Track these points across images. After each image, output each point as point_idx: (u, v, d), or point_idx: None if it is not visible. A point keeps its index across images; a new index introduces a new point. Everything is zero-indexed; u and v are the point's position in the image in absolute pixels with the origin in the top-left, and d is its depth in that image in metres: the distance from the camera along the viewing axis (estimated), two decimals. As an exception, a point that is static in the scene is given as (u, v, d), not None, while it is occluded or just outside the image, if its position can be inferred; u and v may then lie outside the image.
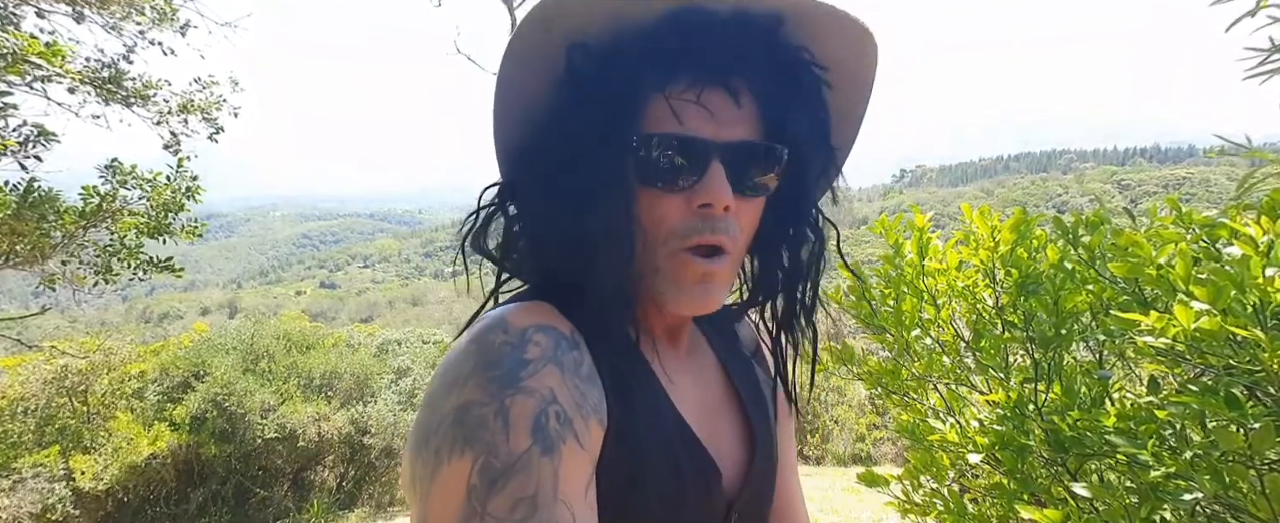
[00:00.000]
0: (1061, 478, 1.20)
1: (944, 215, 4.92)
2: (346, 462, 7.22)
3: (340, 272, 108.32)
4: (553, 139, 0.53)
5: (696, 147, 0.51)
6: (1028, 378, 1.31)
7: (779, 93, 0.54)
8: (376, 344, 9.15)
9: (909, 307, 1.58)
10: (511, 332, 0.48)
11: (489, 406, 0.43)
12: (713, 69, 0.51)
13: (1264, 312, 0.83)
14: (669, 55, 0.51)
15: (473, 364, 0.46)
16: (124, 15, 4.49)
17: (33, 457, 5.64)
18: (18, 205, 3.67)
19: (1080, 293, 1.24)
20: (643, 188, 0.52)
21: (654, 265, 0.54)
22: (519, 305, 0.52)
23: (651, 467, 0.52)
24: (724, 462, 0.59)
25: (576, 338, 0.50)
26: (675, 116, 0.51)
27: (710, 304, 0.54)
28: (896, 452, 8.06)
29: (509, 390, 0.44)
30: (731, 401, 0.65)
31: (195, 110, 4.94)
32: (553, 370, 0.46)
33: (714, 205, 0.51)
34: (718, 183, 0.51)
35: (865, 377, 1.70)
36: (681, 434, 0.55)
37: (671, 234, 0.52)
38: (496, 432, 0.42)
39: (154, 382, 6.79)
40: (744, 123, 0.53)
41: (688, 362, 0.64)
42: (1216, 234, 1.01)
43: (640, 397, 0.54)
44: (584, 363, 0.49)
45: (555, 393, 0.45)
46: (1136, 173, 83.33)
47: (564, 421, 0.45)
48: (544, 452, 0.43)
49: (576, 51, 0.52)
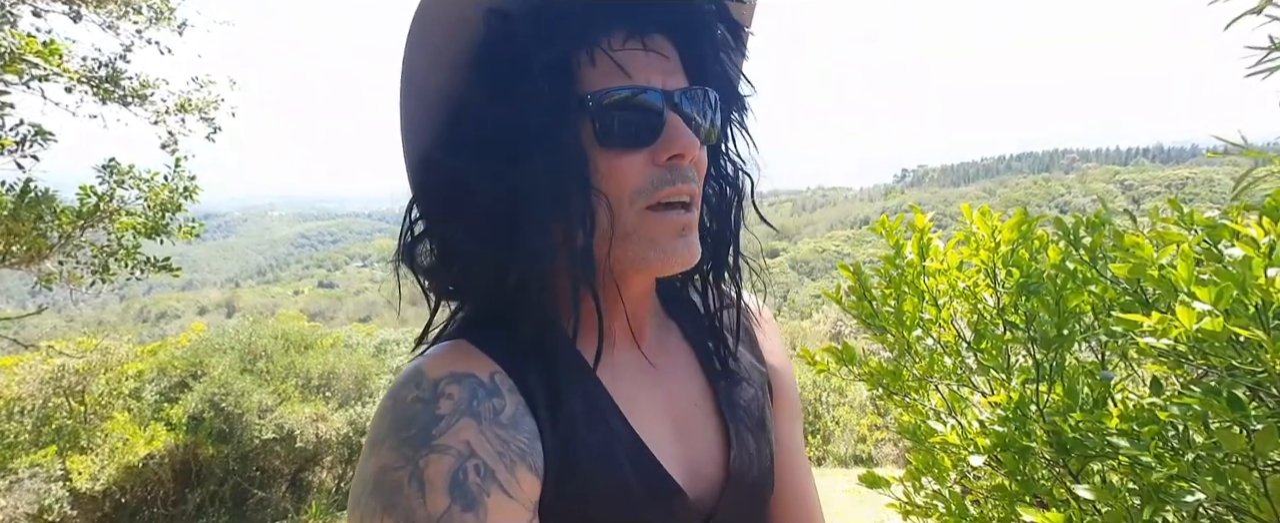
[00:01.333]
0: (1063, 480, 1.19)
1: (945, 215, 4.92)
2: (345, 463, 7.21)
3: (338, 271, 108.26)
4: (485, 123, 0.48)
5: (651, 97, 0.48)
6: (1030, 379, 1.31)
7: (698, 37, 0.53)
8: (375, 344, 9.14)
9: (910, 307, 1.57)
10: (424, 386, 0.46)
11: (403, 469, 0.43)
12: (645, 16, 0.50)
13: (1266, 313, 0.83)
14: (598, 7, 0.48)
15: (387, 424, 0.45)
16: (121, 14, 4.48)
17: (29, 457, 5.62)
18: (15, 205, 3.66)
19: (1082, 294, 1.24)
20: (600, 151, 0.48)
21: (624, 231, 0.50)
22: (437, 351, 0.50)
23: (598, 501, 0.49)
24: (699, 472, 0.55)
25: (496, 382, 0.48)
26: (621, 69, 0.48)
27: (691, 257, 0.51)
28: (898, 453, 8.07)
29: (422, 451, 0.43)
30: (708, 398, 0.60)
31: (192, 109, 4.92)
32: (468, 423, 0.45)
33: (684, 154, 0.49)
34: (682, 131, 0.49)
35: (866, 378, 1.70)
36: (633, 456, 0.51)
37: (638, 192, 0.49)
38: (412, 496, 0.42)
39: (151, 382, 6.78)
40: (679, 70, 0.51)
41: (657, 361, 0.60)
42: (1218, 235, 1.00)
43: (584, 425, 0.51)
44: (505, 408, 0.47)
45: (472, 447, 0.44)
46: (1139, 172, 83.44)
47: (485, 473, 0.43)
48: (465, 509, 0.42)
49: (495, 19, 0.47)
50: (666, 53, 0.51)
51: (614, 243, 0.50)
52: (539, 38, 0.47)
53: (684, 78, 0.52)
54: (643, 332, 0.59)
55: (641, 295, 0.58)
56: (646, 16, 0.50)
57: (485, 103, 0.49)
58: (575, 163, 0.48)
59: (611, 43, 0.48)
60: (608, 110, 0.48)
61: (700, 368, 0.62)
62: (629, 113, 0.48)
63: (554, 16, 0.48)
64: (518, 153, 0.47)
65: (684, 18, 0.52)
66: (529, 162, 0.47)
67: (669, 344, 0.62)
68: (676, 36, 0.52)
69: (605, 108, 0.48)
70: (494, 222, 0.49)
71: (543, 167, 0.47)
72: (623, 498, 0.50)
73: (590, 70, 0.48)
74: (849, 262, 1.74)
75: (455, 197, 0.50)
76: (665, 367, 0.60)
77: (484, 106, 0.49)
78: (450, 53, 0.48)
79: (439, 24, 0.47)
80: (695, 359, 0.63)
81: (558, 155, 0.47)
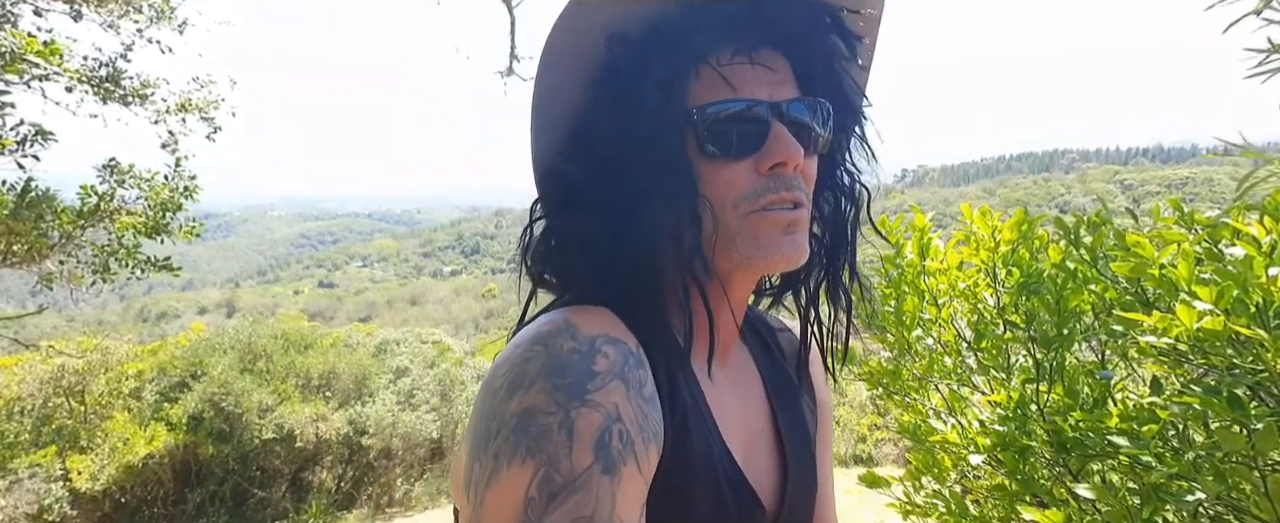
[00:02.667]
0: (1064, 479, 1.19)
1: (945, 215, 4.91)
2: (345, 463, 7.21)
3: (338, 271, 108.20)
4: (602, 136, 0.53)
5: (755, 109, 0.50)
6: (1030, 379, 1.31)
7: (819, 48, 0.54)
8: (375, 344, 9.14)
9: (910, 307, 1.57)
10: (581, 339, 0.46)
11: (554, 415, 0.42)
12: (754, 31, 0.51)
13: (1267, 312, 0.83)
14: (708, 25, 0.51)
15: (539, 367, 0.44)
16: (122, 13, 4.48)
17: (29, 457, 5.62)
18: (15, 204, 3.66)
19: (1082, 293, 1.24)
20: (705, 161, 0.51)
21: (728, 234, 0.51)
22: (583, 310, 0.50)
23: (698, 501, 0.50)
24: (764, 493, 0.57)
25: (642, 356, 0.49)
26: (727, 83, 0.50)
27: (799, 253, 0.52)
28: (898, 453, 8.06)
29: (575, 402, 0.43)
30: (770, 426, 0.62)
31: (193, 109, 4.92)
32: (619, 387, 0.45)
33: (787, 163, 0.50)
34: (785, 140, 0.50)
35: (866, 377, 1.70)
36: (727, 469, 0.53)
37: (742, 198, 0.51)
38: (560, 444, 0.41)
39: (151, 382, 6.78)
40: (789, 82, 0.53)
41: (735, 379, 0.61)
42: (1219, 234, 1.00)
43: (692, 423, 0.52)
44: (647, 384, 0.48)
45: (620, 412, 0.44)
46: (1139, 172, 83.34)
47: (626, 441, 0.43)
48: (605, 472, 0.41)
49: (615, 42, 0.51)
50: (775, 66, 0.52)
51: (719, 247, 0.52)
52: (652, 56, 0.51)
53: (794, 89, 0.53)
54: (729, 348, 0.61)
55: (739, 305, 0.59)
56: (755, 32, 0.52)
57: (602, 117, 0.53)
58: (680, 169, 0.50)
59: (719, 58, 0.51)
60: (711, 122, 0.50)
61: (765, 393, 0.63)
62: (732, 124, 0.50)
63: (667, 37, 0.51)
64: (628, 162, 0.51)
65: (796, 31, 0.53)
66: (638, 169, 0.50)
67: (742, 365, 0.64)
68: (788, 49, 0.53)
69: (709, 120, 0.50)
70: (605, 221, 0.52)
71: (650, 172, 0.50)
72: (716, 504, 0.51)
73: (698, 85, 0.51)
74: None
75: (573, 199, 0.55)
76: (740, 386, 0.62)
77: (602, 121, 0.53)
78: (579, 73, 0.53)
79: (567, 51, 0.51)
80: (760, 383, 0.64)
81: (663, 162, 0.50)
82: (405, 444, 7.22)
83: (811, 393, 0.69)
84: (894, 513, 1.54)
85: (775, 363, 0.67)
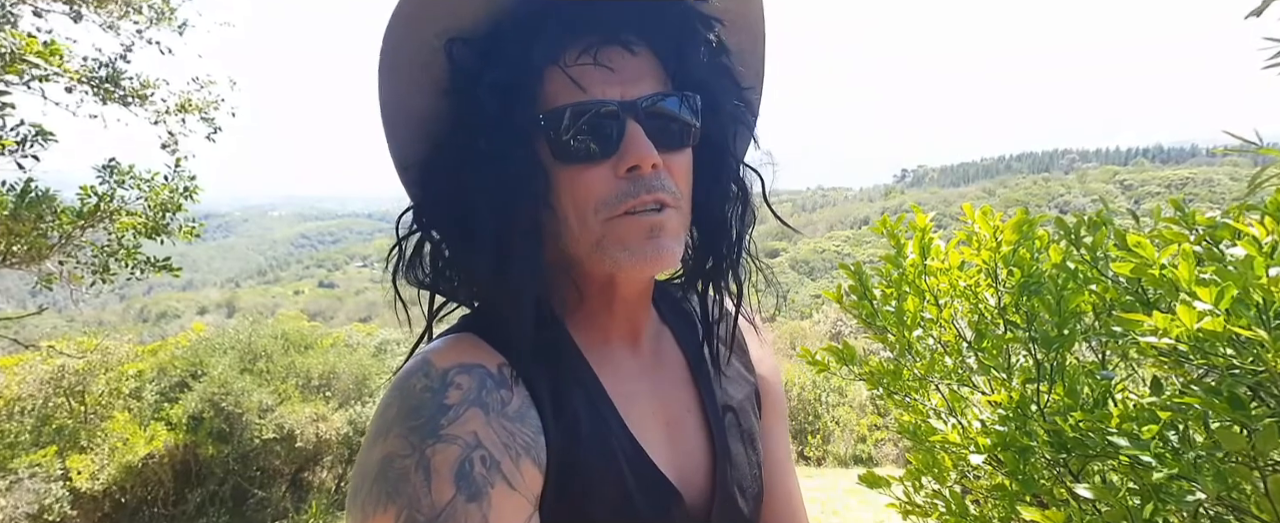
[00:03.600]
0: (1064, 479, 1.19)
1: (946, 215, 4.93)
2: (345, 463, 7.21)
3: (339, 271, 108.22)
4: (453, 145, 0.51)
5: (607, 109, 0.48)
6: (1030, 379, 1.31)
7: (674, 39, 0.52)
8: (375, 344, 9.15)
9: (911, 307, 1.57)
10: (433, 376, 0.47)
11: (409, 457, 0.43)
12: (602, 27, 0.49)
13: (1268, 312, 0.83)
14: (553, 25, 0.48)
15: (395, 413, 0.45)
16: (121, 14, 4.48)
17: (29, 457, 5.62)
18: (15, 205, 3.66)
19: (1083, 293, 1.24)
20: (561, 167, 0.49)
21: (594, 240, 0.50)
22: (444, 342, 0.50)
23: (600, 500, 0.50)
24: (690, 478, 0.56)
25: (504, 374, 0.48)
26: (576, 84, 0.48)
27: (663, 258, 0.50)
28: (898, 453, 8.07)
29: (429, 440, 0.43)
30: (698, 407, 0.61)
31: (193, 110, 4.92)
32: (476, 414, 0.45)
33: (641, 165, 0.48)
34: (639, 142, 0.48)
35: (866, 377, 1.70)
36: (632, 459, 0.52)
37: (602, 203, 0.49)
38: (418, 484, 0.42)
39: (151, 382, 6.78)
40: (647, 76, 0.51)
41: (650, 366, 0.60)
42: (1220, 234, 1.00)
43: (586, 424, 0.51)
44: (513, 401, 0.48)
45: (479, 438, 0.44)
46: (1139, 172, 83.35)
47: (490, 464, 0.44)
48: (470, 499, 0.42)
49: (455, 46, 0.49)
50: (629, 63, 0.50)
51: (587, 250, 0.51)
52: (494, 61, 0.48)
53: (656, 84, 0.51)
54: (639, 335, 0.60)
55: (635, 298, 0.58)
56: (603, 29, 0.49)
57: (451, 128, 0.51)
58: (526, 181, 0.49)
59: (567, 58, 0.48)
60: (562, 126, 0.48)
61: (691, 375, 0.63)
62: (584, 127, 0.48)
63: (510, 38, 0.48)
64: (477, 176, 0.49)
65: (648, 24, 0.51)
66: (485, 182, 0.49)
67: (662, 349, 0.63)
68: (646, 43, 0.51)
69: (559, 124, 0.48)
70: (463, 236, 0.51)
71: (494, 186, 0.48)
72: (622, 499, 0.50)
73: (548, 88, 0.49)
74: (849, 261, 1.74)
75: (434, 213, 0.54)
76: (659, 371, 0.61)
77: (451, 131, 0.51)
78: (426, 79, 0.50)
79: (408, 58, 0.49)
80: (686, 366, 0.63)
81: (509, 174, 0.48)
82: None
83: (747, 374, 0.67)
84: (894, 513, 1.54)
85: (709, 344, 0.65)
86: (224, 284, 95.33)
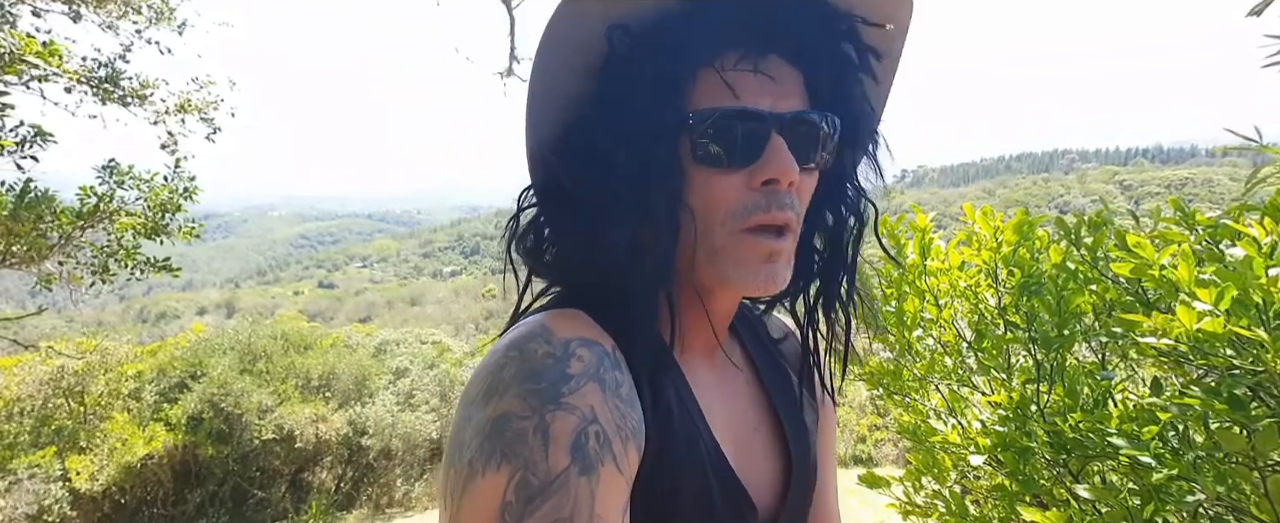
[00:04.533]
0: (1064, 480, 1.19)
1: (946, 215, 4.92)
2: (345, 463, 7.21)
3: (338, 272, 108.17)
4: (597, 129, 0.51)
5: (755, 119, 0.48)
6: (1030, 379, 1.31)
7: (828, 60, 0.52)
8: (374, 345, 9.14)
9: (911, 307, 1.57)
10: (555, 343, 0.46)
11: (529, 419, 0.42)
12: (763, 37, 0.49)
13: (1267, 313, 0.82)
14: (716, 27, 0.48)
15: (513, 373, 0.44)
16: (121, 14, 4.48)
17: (29, 457, 5.62)
18: (14, 205, 3.66)
19: (1083, 294, 1.24)
20: (697, 168, 0.49)
21: (712, 248, 0.50)
22: (559, 314, 0.50)
23: (684, 499, 0.50)
24: (759, 492, 0.56)
25: (618, 357, 0.49)
26: (729, 89, 0.48)
27: (776, 284, 0.51)
28: (898, 453, 8.06)
29: (550, 406, 0.43)
30: (768, 421, 0.61)
31: (192, 110, 4.92)
32: (594, 389, 0.45)
33: (780, 180, 0.48)
34: (781, 155, 0.48)
35: (867, 378, 1.70)
36: (716, 465, 0.52)
37: (731, 214, 0.49)
38: (535, 448, 0.41)
39: (151, 382, 6.78)
40: (795, 93, 0.50)
41: (724, 377, 0.61)
42: (1219, 235, 1.00)
43: (678, 422, 0.51)
44: (625, 384, 0.48)
45: (596, 412, 0.44)
46: (1139, 173, 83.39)
47: (603, 442, 0.43)
48: (582, 472, 0.41)
49: (616, 33, 0.49)
50: (782, 75, 0.50)
51: (701, 257, 0.51)
52: (654, 54, 0.48)
53: (801, 101, 0.51)
54: (716, 347, 0.61)
55: (725, 312, 0.59)
56: (763, 38, 0.49)
57: (596, 112, 0.51)
58: (666, 175, 0.49)
59: (724, 62, 0.48)
60: (707, 129, 0.48)
61: (760, 389, 0.63)
62: (730, 132, 0.48)
63: (672, 34, 0.49)
64: (615, 160, 0.49)
65: (808, 40, 0.51)
66: (624, 169, 0.49)
67: (734, 360, 0.63)
68: (798, 59, 0.51)
69: (705, 126, 0.48)
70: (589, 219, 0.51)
71: (634, 175, 0.49)
72: (705, 501, 0.51)
73: (700, 88, 0.49)
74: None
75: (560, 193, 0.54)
76: (730, 383, 0.61)
77: (596, 114, 0.51)
78: (580, 61, 0.51)
79: (568, 37, 0.49)
80: (756, 382, 0.63)
81: (649, 166, 0.49)
82: (405, 445, 7.22)
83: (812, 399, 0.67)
84: (894, 513, 1.54)
85: (775, 365, 0.66)
86: (224, 285, 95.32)
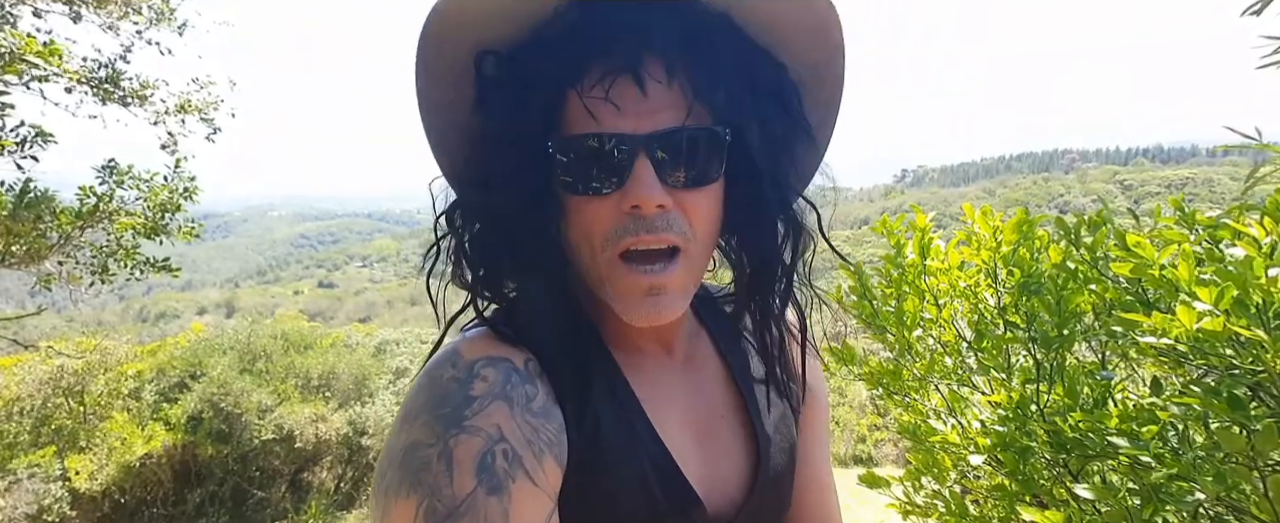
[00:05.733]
0: (1063, 479, 1.19)
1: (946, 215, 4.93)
2: (344, 463, 7.21)
3: (338, 272, 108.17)
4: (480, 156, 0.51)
5: (615, 143, 0.46)
6: (1030, 379, 1.31)
7: (703, 67, 0.48)
8: (374, 345, 9.14)
9: (911, 307, 1.57)
10: (460, 366, 0.47)
11: (433, 447, 0.43)
12: (624, 56, 0.46)
13: (1267, 313, 0.82)
14: (576, 47, 0.46)
15: (423, 401, 0.45)
16: (121, 15, 4.47)
17: (28, 457, 5.62)
18: (14, 205, 3.66)
19: (1083, 294, 1.24)
20: (570, 196, 0.48)
21: (598, 276, 0.49)
22: (473, 335, 0.51)
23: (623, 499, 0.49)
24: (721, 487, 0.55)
25: (530, 370, 0.48)
26: (590, 115, 0.46)
27: (662, 317, 0.49)
28: (898, 453, 8.06)
29: (452, 431, 0.43)
30: (737, 415, 0.60)
31: (192, 110, 4.92)
32: (500, 407, 0.45)
33: (642, 206, 0.46)
34: (644, 180, 0.45)
35: (866, 377, 1.70)
36: (657, 461, 0.52)
37: (605, 239, 0.48)
38: (440, 473, 0.42)
39: (150, 382, 6.77)
40: (671, 107, 0.47)
41: (685, 370, 0.60)
42: (1220, 235, 1.00)
43: (609, 425, 0.51)
44: (537, 397, 0.47)
45: (502, 431, 0.44)
46: (1139, 172, 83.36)
47: (513, 459, 0.43)
48: (490, 492, 0.42)
49: (485, 59, 0.48)
50: (657, 91, 0.46)
51: (593, 281, 0.51)
52: (521, 80, 0.47)
53: (677, 116, 0.47)
54: (671, 343, 0.60)
55: None
56: (630, 52, 0.46)
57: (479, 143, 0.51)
58: (539, 204, 0.49)
59: (583, 85, 0.46)
60: (570, 156, 0.47)
61: (729, 378, 0.62)
62: (591, 160, 0.46)
63: (538, 55, 0.47)
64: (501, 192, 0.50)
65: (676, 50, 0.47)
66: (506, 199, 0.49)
67: (699, 352, 0.62)
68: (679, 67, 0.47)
69: (567, 155, 0.47)
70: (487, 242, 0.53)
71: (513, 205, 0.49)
72: (642, 502, 0.50)
73: (569, 113, 0.47)
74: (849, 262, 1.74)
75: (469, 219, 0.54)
76: (694, 375, 0.60)
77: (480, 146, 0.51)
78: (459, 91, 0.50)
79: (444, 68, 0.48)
80: (724, 369, 0.62)
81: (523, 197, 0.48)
82: (405, 445, 7.21)
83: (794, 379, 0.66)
84: (894, 513, 1.54)
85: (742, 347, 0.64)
86: (223, 284, 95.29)
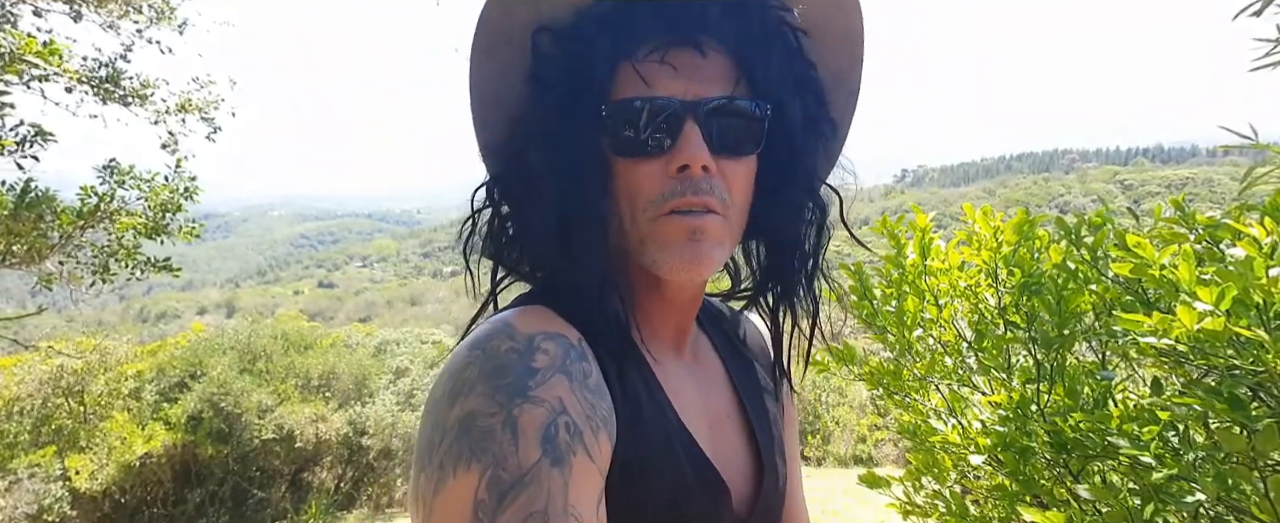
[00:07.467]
0: (1064, 480, 1.19)
1: (946, 215, 4.93)
2: (345, 463, 7.21)
3: (338, 272, 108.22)
4: (528, 127, 0.53)
5: (666, 107, 0.49)
6: (1030, 379, 1.31)
7: (752, 46, 0.52)
8: (375, 345, 9.14)
9: (911, 307, 1.57)
10: (518, 338, 0.46)
11: (496, 416, 0.42)
12: (678, 28, 0.50)
13: (1267, 313, 0.82)
14: (631, 21, 0.50)
15: (477, 372, 0.44)
16: (121, 14, 4.48)
17: (29, 457, 5.62)
18: (15, 205, 3.66)
19: (1083, 294, 1.24)
20: (618, 159, 0.51)
21: (640, 236, 0.51)
22: (523, 310, 0.50)
23: (659, 484, 0.50)
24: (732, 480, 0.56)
25: (584, 348, 0.49)
26: (643, 80, 0.49)
27: (702, 263, 0.50)
28: (898, 453, 8.06)
29: (517, 400, 0.42)
30: (737, 412, 0.62)
31: (193, 109, 4.92)
32: (562, 380, 0.45)
33: (691, 165, 0.49)
34: (692, 142, 0.49)
35: (866, 378, 1.70)
36: (688, 451, 0.53)
37: (650, 201, 0.50)
38: (505, 442, 0.41)
39: (150, 382, 6.78)
40: (719, 80, 0.51)
41: (693, 369, 0.61)
42: (1220, 235, 1.00)
43: (648, 411, 0.52)
44: (592, 374, 0.48)
45: (565, 404, 0.44)
46: (1139, 172, 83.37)
47: (574, 432, 0.43)
48: (554, 464, 0.41)
49: (541, 36, 0.51)
50: (707, 63, 0.51)
51: (634, 246, 0.52)
52: (574, 51, 0.50)
53: (725, 87, 0.51)
54: (684, 338, 0.61)
55: (684, 303, 0.59)
56: (683, 28, 0.50)
57: (530, 112, 0.54)
58: (589, 169, 0.50)
59: (638, 53, 0.50)
60: (621, 120, 0.50)
61: (729, 382, 0.63)
62: (642, 123, 0.49)
63: (590, 30, 0.50)
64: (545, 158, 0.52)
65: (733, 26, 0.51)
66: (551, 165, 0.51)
67: (701, 354, 0.64)
68: (728, 45, 0.52)
69: (619, 117, 0.50)
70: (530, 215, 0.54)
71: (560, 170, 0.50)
72: (679, 485, 0.51)
73: (620, 81, 0.50)
74: (849, 261, 1.74)
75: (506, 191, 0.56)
76: (701, 375, 0.62)
77: (529, 115, 0.54)
78: (513, 66, 0.53)
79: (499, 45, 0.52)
80: (723, 371, 0.64)
81: (571, 162, 0.50)
82: (405, 445, 7.22)
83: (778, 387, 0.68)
84: (894, 513, 1.54)
85: (738, 353, 0.67)
86: (224, 284, 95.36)
